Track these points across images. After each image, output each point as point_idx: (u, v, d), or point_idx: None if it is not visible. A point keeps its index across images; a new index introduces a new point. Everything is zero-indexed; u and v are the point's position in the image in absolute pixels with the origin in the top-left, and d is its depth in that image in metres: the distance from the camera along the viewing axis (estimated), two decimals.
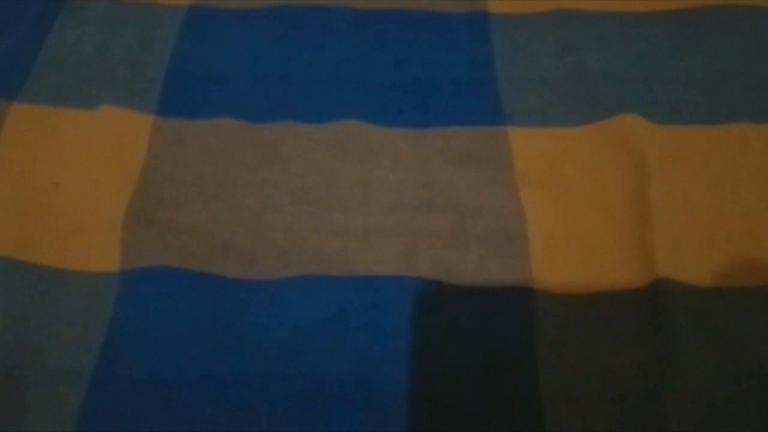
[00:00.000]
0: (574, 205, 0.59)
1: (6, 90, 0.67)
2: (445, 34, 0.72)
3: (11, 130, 0.64)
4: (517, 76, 0.68)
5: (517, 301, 0.54)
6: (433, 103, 0.67)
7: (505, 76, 0.68)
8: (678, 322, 0.52)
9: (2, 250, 0.56)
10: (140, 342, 0.53)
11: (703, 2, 0.73)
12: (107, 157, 0.62)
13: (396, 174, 0.62)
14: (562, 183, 0.61)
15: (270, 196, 0.60)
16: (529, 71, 0.69)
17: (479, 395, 0.51)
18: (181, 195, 0.60)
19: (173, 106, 0.66)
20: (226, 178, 0.61)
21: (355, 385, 0.51)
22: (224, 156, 0.63)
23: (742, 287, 0.55)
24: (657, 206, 0.58)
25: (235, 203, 0.60)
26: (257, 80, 0.69)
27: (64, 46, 0.71)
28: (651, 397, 0.49)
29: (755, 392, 0.49)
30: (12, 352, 0.52)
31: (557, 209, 0.59)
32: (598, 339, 0.52)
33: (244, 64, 0.70)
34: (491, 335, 0.53)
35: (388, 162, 0.62)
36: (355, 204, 0.60)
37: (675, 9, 0.73)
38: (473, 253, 0.57)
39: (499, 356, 0.52)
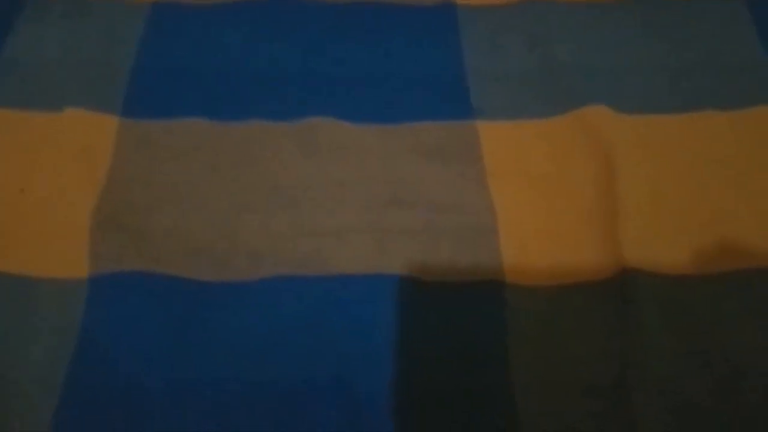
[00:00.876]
0: (543, 198, 0.60)
1: None
2: (413, 26, 0.72)
3: None
4: (485, 69, 0.68)
5: (488, 295, 0.55)
6: (402, 97, 0.67)
7: (474, 68, 0.68)
8: (647, 311, 0.53)
9: None
10: (112, 348, 0.52)
11: None
12: (73, 161, 0.61)
13: (366, 171, 0.62)
14: (531, 176, 0.61)
15: (241, 196, 0.60)
16: (498, 63, 0.69)
17: (453, 389, 0.51)
18: (150, 197, 0.59)
19: (139, 106, 0.65)
20: (196, 178, 0.61)
21: (331, 385, 0.51)
22: (193, 156, 0.62)
23: (710, 275, 0.55)
24: (625, 196, 0.58)
25: (205, 204, 0.59)
26: (225, 77, 0.68)
27: (26, 46, 0.70)
28: (621, 387, 0.50)
29: (724, 380, 0.50)
30: None
31: (527, 202, 0.59)
32: (568, 330, 0.53)
33: (211, 61, 0.69)
34: (464, 329, 0.53)
35: (358, 159, 0.62)
36: (326, 202, 0.59)
37: None
38: (444, 248, 0.57)
39: (472, 350, 0.52)
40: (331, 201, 0.60)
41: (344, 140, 0.64)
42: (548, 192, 0.60)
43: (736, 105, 0.65)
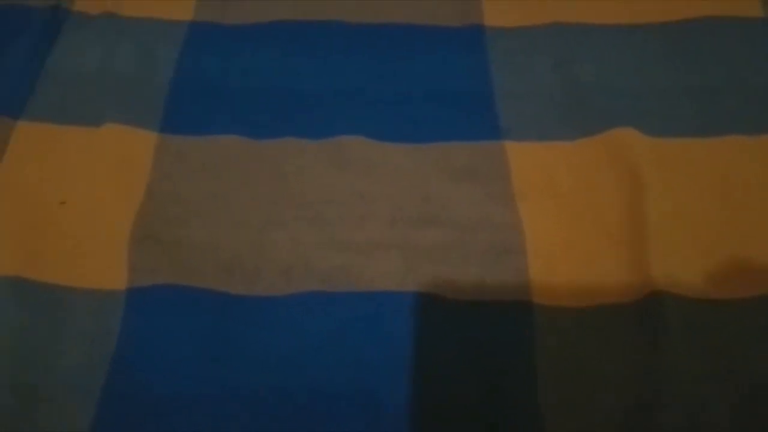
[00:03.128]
0: (570, 219, 0.60)
1: (10, 108, 0.68)
2: (442, 47, 0.73)
3: (17, 149, 0.65)
4: (513, 90, 0.69)
5: (515, 315, 0.55)
6: (431, 117, 0.68)
7: (502, 89, 0.69)
8: (673, 334, 0.53)
9: (10, 269, 0.57)
10: (147, 358, 0.54)
11: (696, 14, 0.74)
12: (113, 175, 0.63)
13: (395, 189, 0.63)
14: (558, 197, 0.62)
15: (272, 212, 0.61)
16: (525, 85, 0.70)
17: (480, 408, 0.52)
18: (185, 212, 0.61)
19: (176, 123, 0.67)
20: (229, 194, 0.62)
21: (357, 400, 0.52)
22: (227, 172, 0.64)
23: (735, 299, 0.56)
24: (651, 219, 0.59)
25: (238, 220, 0.61)
26: (258, 96, 0.70)
27: (67, 62, 0.72)
28: (647, 409, 0.51)
29: (749, 403, 0.51)
30: (21, 370, 0.53)
31: (554, 223, 0.60)
32: (595, 351, 0.53)
33: (245, 79, 0.71)
34: (491, 349, 0.54)
35: (387, 177, 0.64)
36: (356, 219, 0.61)
37: (668, 21, 0.74)
38: (472, 267, 0.58)
39: (498, 370, 0.53)
40: (360, 218, 0.61)
41: (373, 158, 0.65)
42: (575, 213, 0.61)
43: (761, 130, 0.65)
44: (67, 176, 0.63)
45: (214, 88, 0.70)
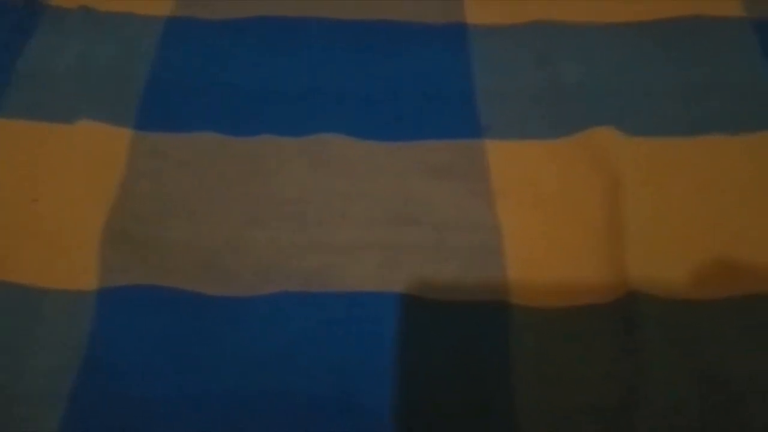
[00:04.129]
0: (550, 219, 0.60)
1: None
2: (423, 45, 0.73)
3: None
4: (494, 88, 0.69)
5: (493, 315, 0.55)
6: (412, 115, 0.67)
7: (483, 88, 0.69)
8: (650, 336, 0.53)
9: None
10: (119, 360, 0.53)
11: (677, 14, 0.74)
12: (86, 173, 0.62)
13: (375, 187, 0.62)
14: (538, 196, 0.61)
15: (250, 211, 0.60)
16: (507, 83, 0.69)
17: (457, 408, 0.51)
18: (160, 210, 0.60)
19: (152, 119, 0.66)
20: (206, 192, 0.62)
21: (336, 400, 0.51)
22: (204, 170, 0.63)
23: (714, 299, 0.55)
24: (630, 219, 0.59)
25: (214, 219, 0.60)
26: (236, 92, 0.69)
27: (42, 58, 0.71)
28: (624, 410, 0.50)
29: (726, 404, 0.50)
30: None
31: (533, 223, 0.60)
32: (572, 352, 0.53)
33: (224, 75, 0.70)
34: (468, 349, 0.53)
35: (367, 175, 0.63)
36: (335, 218, 0.60)
37: (649, 20, 0.74)
38: (451, 267, 0.57)
39: (476, 370, 0.53)
40: (339, 217, 0.60)
41: (353, 156, 0.64)
42: (555, 213, 0.60)
43: (743, 128, 0.65)
44: (40, 174, 0.62)
45: (192, 85, 0.69)
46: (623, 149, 0.63)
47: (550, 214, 0.60)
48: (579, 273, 0.57)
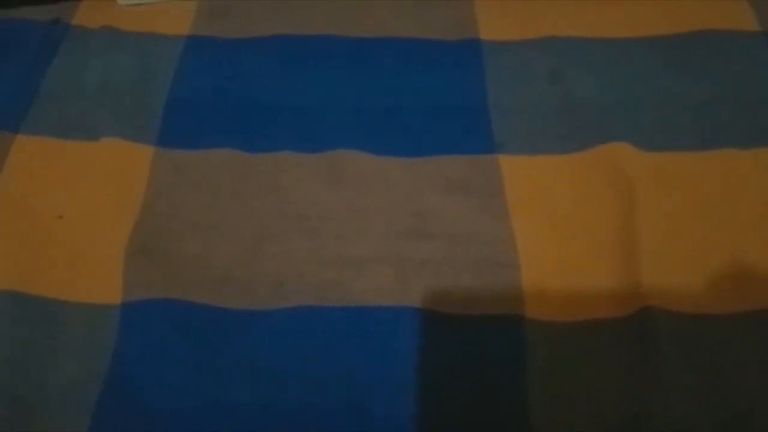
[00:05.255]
0: (564, 234, 0.61)
1: (10, 122, 0.69)
2: (438, 61, 0.74)
3: (15, 162, 0.66)
4: (508, 104, 0.70)
5: (507, 329, 0.55)
6: (426, 131, 0.68)
7: (497, 103, 0.70)
8: (663, 350, 0.53)
9: (6, 283, 0.58)
10: (142, 374, 0.54)
11: (691, 28, 0.74)
12: (109, 189, 0.64)
13: (389, 202, 0.63)
14: (552, 211, 0.62)
15: (266, 225, 0.62)
16: (520, 98, 0.70)
17: (471, 423, 0.52)
18: (180, 226, 0.61)
19: (173, 136, 0.68)
20: (224, 208, 0.63)
21: (349, 415, 0.52)
22: (222, 186, 0.64)
23: (728, 314, 0.56)
24: (644, 234, 0.59)
25: (231, 233, 0.61)
26: (255, 109, 0.70)
27: (66, 76, 0.73)
28: (637, 425, 0.50)
29: (739, 421, 0.50)
30: (16, 385, 0.53)
31: (547, 237, 0.60)
32: (586, 367, 0.53)
33: (242, 93, 0.72)
34: (482, 363, 0.54)
35: (381, 190, 0.64)
36: (349, 233, 0.61)
37: (663, 35, 0.74)
38: (465, 281, 0.58)
39: (490, 384, 0.53)
40: (353, 231, 0.61)
41: (368, 172, 0.65)
42: (569, 227, 0.61)
43: (755, 143, 0.65)
44: (65, 190, 0.64)
45: (211, 102, 0.71)
46: (637, 164, 0.64)
47: (564, 229, 0.61)
48: (593, 287, 0.57)
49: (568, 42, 0.74)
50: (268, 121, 0.69)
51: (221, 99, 0.71)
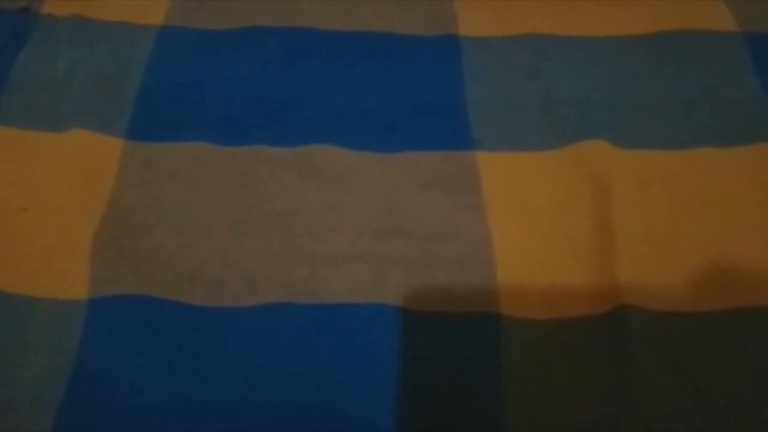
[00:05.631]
0: (540, 231, 0.60)
1: None
2: (416, 57, 0.73)
3: None
4: (486, 100, 0.69)
5: (483, 327, 0.55)
6: (403, 126, 0.67)
7: (475, 100, 0.69)
8: (639, 348, 0.53)
9: None
10: (109, 370, 0.52)
11: (670, 27, 0.74)
12: (77, 182, 0.62)
13: (365, 199, 0.62)
14: (529, 208, 0.61)
15: (238, 221, 0.60)
16: (499, 95, 0.70)
17: (447, 422, 0.51)
18: (150, 220, 0.60)
19: (144, 129, 0.66)
20: (195, 202, 0.61)
21: (322, 413, 0.51)
22: (194, 180, 0.63)
23: (704, 312, 0.55)
24: (620, 232, 0.59)
25: (203, 228, 0.60)
26: (229, 102, 0.69)
27: (35, 66, 0.71)
28: (613, 424, 0.50)
29: (715, 419, 0.50)
30: None
31: (524, 235, 0.60)
32: (562, 365, 0.53)
33: (216, 86, 0.70)
34: (458, 361, 0.53)
35: (357, 187, 0.63)
36: (323, 230, 0.60)
37: (642, 34, 0.74)
38: (440, 278, 0.57)
39: (466, 382, 0.52)
40: (327, 228, 0.60)
41: (344, 168, 0.64)
42: (545, 225, 0.60)
43: (733, 142, 0.66)
44: (30, 182, 0.62)
45: (184, 94, 0.69)
46: (614, 162, 0.64)
47: (541, 226, 0.60)
48: (569, 285, 0.57)
49: (547, 39, 0.74)
50: (243, 114, 0.68)
51: (194, 91, 0.70)
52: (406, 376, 0.53)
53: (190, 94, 0.69)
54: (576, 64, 0.72)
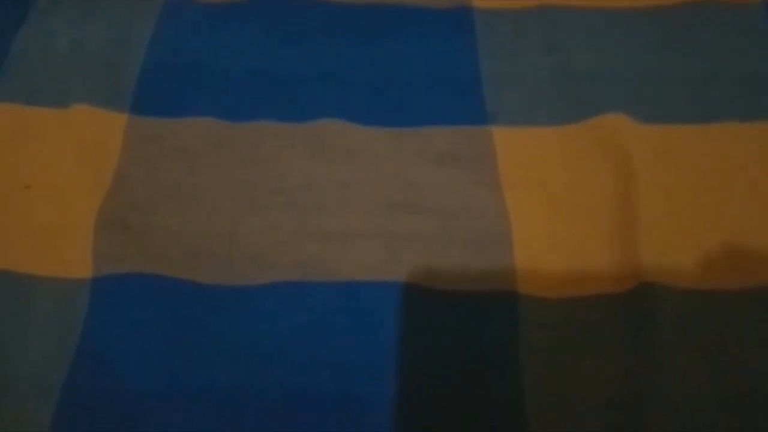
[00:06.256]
0: (558, 207, 0.58)
1: None
2: (428, 29, 0.71)
3: None
4: (501, 74, 0.67)
5: (500, 306, 0.53)
6: (415, 101, 0.65)
7: (489, 73, 0.67)
8: (663, 326, 0.51)
9: None
10: (113, 351, 0.51)
11: None
12: (80, 158, 0.60)
13: (376, 175, 0.60)
14: (546, 184, 0.60)
15: (247, 197, 0.59)
16: (514, 68, 0.67)
17: (462, 404, 0.49)
18: (155, 197, 0.58)
19: (148, 104, 0.64)
20: (202, 179, 0.60)
21: (333, 394, 0.50)
22: (200, 156, 0.61)
23: (728, 290, 0.54)
24: (642, 207, 0.57)
25: (210, 205, 0.58)
26: (235, 77, 0.67)
27: (36, 41, 0.69)
28: (636, 404, 0.49)
29: (739, 397, 0.49)
30: None
31: (542, 211, 0.58)
32: (582, 344, 0.51)
33: (222, 60, 0.68)
34: (474, 340, 0.52)
35: (368, 162, 0.61)
36: (334, 206, 0.58)
37: (661, 5, 0.72)
38: (456, 256, 0.55)
39: (482, 362, 0.51)
40: (338, 204, 0.58)
41: (354, 143, 0.62)
42: (564, 200, 0.58)
43: (755, 115, 0.63)
44: (33, 159, 0.61)
45: (189, 69, 0.67)
46: (634, 136, 0.61)
47: (559, 202, 0.58)
48: (589, 262, 0.55)
49: (563, 12, 0.71)
50: (249, 89, 0.66)
51: (200, 65, 0.68)
52: (418, 357, 0.51)
53: (195, 68, 0.68)
54: (593, 37, 0.69)
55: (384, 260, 0.55)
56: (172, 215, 0.57)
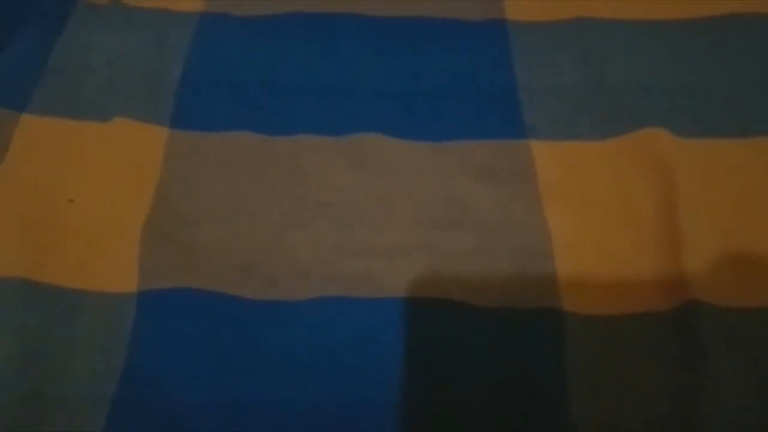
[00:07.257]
0: (601, 222, 0.58)
1: (14, 100, 0.65)
2: (462, 42, 0.71)
3: (22, 143, 0.63)
4: (537, 87, 0.67)
5: (545, 324, 0.53)
6: (452, 114, 0.65)
7: (525, 86, 0.67)
8: (710, 345, 0.51)
9: (16, 270, 0.55)
10: (161, 365, 0.51)
11: (727, 11, 0.71)
12: (122, 172, 0.61)
13: (417, 189, 0.60)
14: (587, 199, 0.59)
15: (290, 211, 0.59)
16: (550, 81, 0.67)
17: (509, 422, 0.49)
18: (199, 211, 0.59)
19: (188, 118, 0.65)
20: (245, 192, 0.60)
21: (379, 409, 0.50)
22: (241, 170, 0.61)
23: None
24: (686, 224, 0.57)
25: (254, 219, 0.58)
26: (273, 90, 0.67)
27: (74, 54, 0.70)
28: (684, 423, 0.48)
29: None
30: (29, 378, 0.50)
31: (584, 226, 0.58)
32: (629, 362, 0.51)
33: (260, 73, 0.69)
34: (519, 359, 0.52)
35: (408, 177, 0.61)
36: (376, 221, 0.58)
37: (699, 17, 0.71)
38: (498, 272, 0.55)
39: (528, 380, 0.51)
40: (380, 219, 0.58)
41: (393, 157, 0.62)
42: (606, 216, 0.58)
43: None
44: (75, 173, 0.61)
45: (227, 82, 0.68)
46: (675, 150, 0.61)
47: (601, 218, 0.58)
48: (634, 279, 0.55)
49: (599, 24, 0.71)
50: (287, 102, 0.66)
51: (237, 79, 0.68)
52: (463, 374, 0.51)
53: (233, 82, 0.68)
54: (629, 50, 0.69)
55: (427, 276, 0.55)
56: (216, 229, 0.57)
